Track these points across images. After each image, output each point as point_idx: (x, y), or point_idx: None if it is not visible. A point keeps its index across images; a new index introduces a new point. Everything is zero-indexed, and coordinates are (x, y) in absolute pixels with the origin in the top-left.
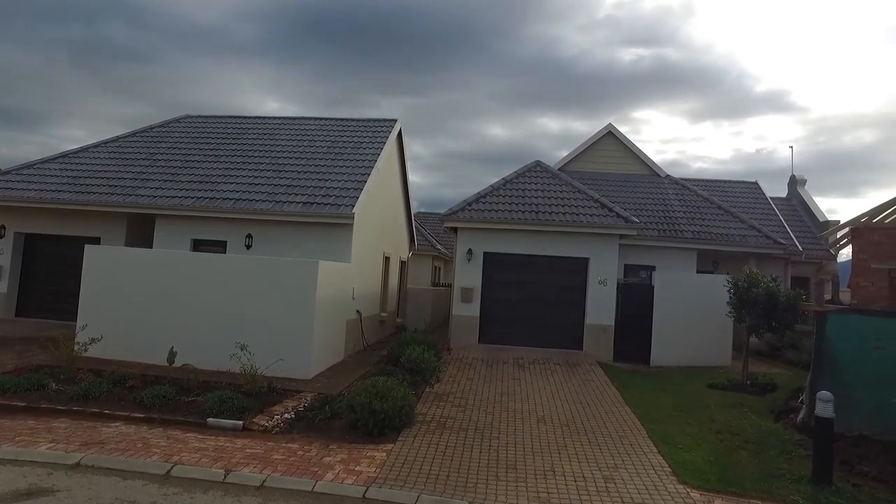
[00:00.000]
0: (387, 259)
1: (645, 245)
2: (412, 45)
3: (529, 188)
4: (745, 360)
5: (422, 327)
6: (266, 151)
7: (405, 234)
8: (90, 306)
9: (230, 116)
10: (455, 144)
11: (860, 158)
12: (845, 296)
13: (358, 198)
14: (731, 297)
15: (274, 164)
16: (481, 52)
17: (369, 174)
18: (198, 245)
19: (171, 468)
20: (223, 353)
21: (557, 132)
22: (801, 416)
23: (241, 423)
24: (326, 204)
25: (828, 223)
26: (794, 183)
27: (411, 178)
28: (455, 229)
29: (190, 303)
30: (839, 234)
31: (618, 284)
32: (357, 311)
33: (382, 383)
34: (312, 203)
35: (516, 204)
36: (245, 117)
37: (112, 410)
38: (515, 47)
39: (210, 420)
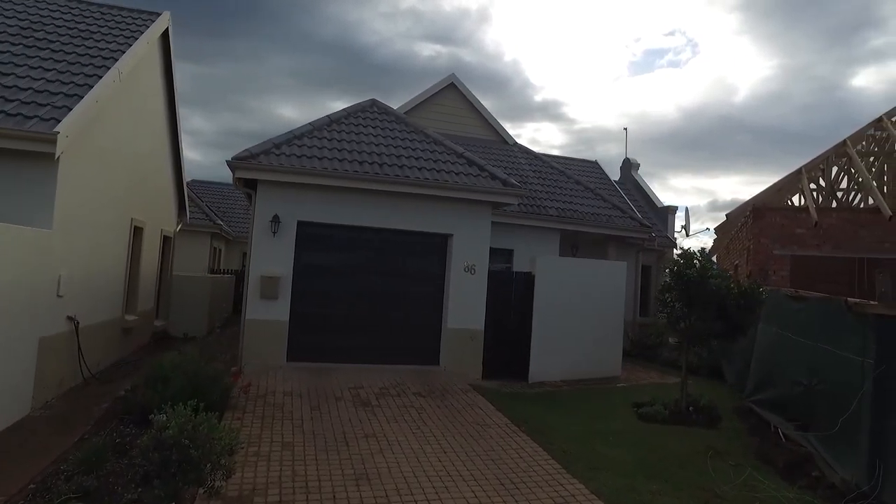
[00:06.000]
0: (138, 230)
1: (502, 223)
2: (197, 3)
3: (366, 132)
4: (683, 379)
5: (196, 333)
6: None
7: (172, 197)
8: None
9: None
10: (240, 122)
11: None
12: None
13: (72, 109)
14: (668, 293)
15: None
16: (276, 23)
17: (101, 76)
18: None
19: None
20: None
21: None
22: (840, 477)
23: None
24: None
25: (667, 209)
26: (629, 166)
27: (189, 154)
28: (253, 185)
29: None
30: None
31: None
32: (70, 319)
33: None
34: None
35: (347, 151)
36: None
37: None
38: (313, 24)
39: None
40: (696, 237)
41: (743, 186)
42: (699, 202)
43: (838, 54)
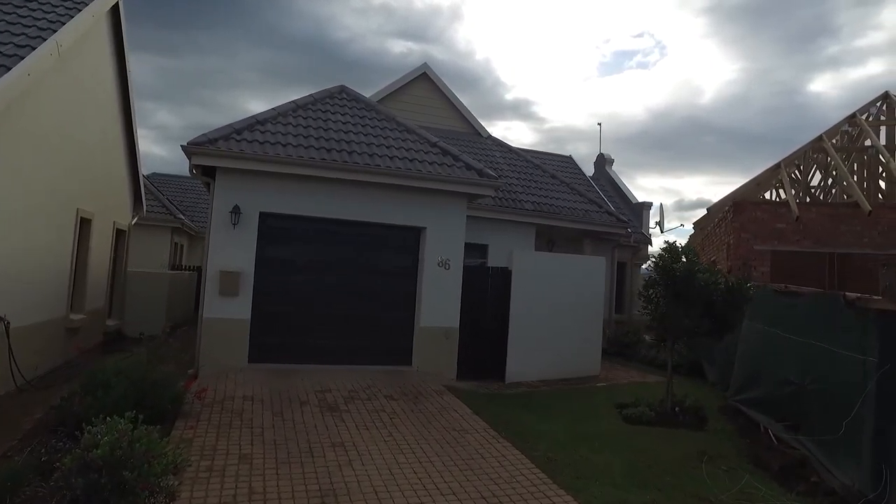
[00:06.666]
0: (85, 222)
1: (476, 217)
2: None
3: (334, 119)
4: (668, 379)
5: (154, 333)
6: None
7: (126, 188)
8: None
9: None
10: (208, 117)
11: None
12: None
13: None
14: (652, 289)
15: None
16: (246, 17)
17: (35, 48)
18: None
19: None
20: None
21: None
22: (839, 482)
23: None
24: None
25: (641, 205)
26: (603, 162)
27: (154, 149)
28: (212, 173)
29: None
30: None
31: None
32: None
33: None
34: None
35: (314, 138)
36: None
37: None
38: (285, 19)
39: None
40: (665, 235)
41: (708, 186)
42: (666, 201)
43: (798, 60)
